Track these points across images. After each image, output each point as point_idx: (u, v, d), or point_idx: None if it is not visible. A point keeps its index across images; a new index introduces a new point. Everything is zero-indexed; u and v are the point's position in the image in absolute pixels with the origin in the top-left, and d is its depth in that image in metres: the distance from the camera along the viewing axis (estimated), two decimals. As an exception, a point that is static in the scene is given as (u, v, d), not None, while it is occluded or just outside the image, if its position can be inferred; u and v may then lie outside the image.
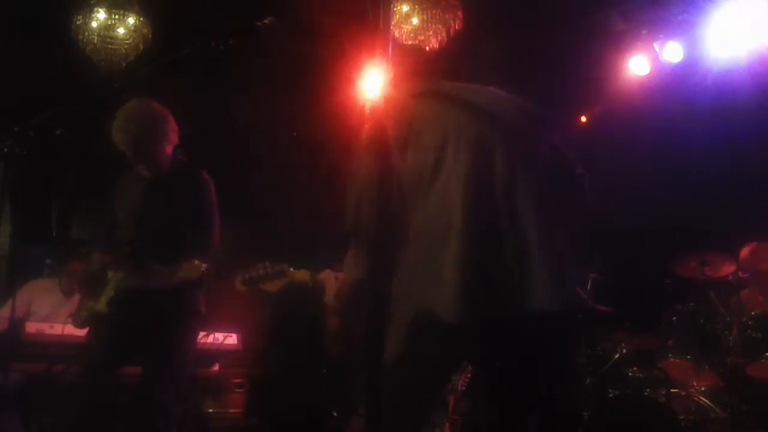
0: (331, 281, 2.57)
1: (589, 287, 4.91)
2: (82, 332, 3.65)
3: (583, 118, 6.90)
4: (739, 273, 4.68)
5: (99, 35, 4.58)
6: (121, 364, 3.39)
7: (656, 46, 5.89)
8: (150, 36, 4.69)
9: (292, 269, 2.68)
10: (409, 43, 4.41)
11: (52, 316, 4.66)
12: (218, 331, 4.97)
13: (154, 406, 3.25)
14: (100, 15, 4.59)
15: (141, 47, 4.66)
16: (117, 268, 3.40)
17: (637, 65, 6.03)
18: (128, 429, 3.52)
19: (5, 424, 4.26)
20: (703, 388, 4.49)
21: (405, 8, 4.49)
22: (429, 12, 4.47)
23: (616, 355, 4.69)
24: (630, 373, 4.69)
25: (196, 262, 3.17)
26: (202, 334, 4.88)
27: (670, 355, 4.58)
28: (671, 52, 5.80)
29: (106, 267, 3.45)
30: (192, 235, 3.35)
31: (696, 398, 4.38)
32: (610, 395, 4.56)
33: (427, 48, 4.25)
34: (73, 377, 4.04)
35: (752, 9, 5.19)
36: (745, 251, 4.86)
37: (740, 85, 5.36)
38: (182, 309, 3.38)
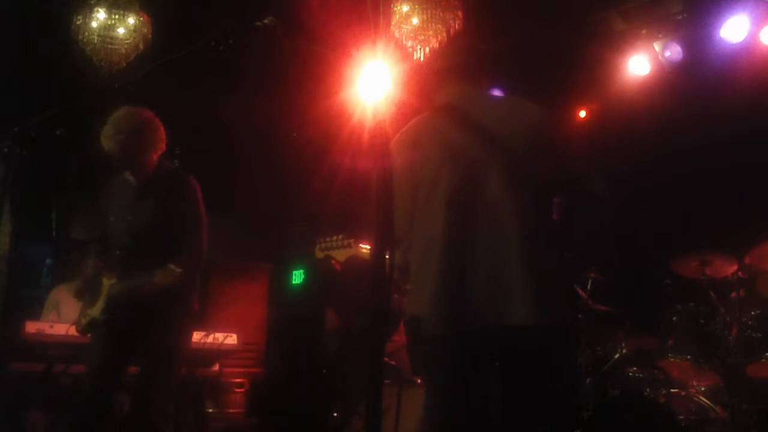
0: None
1: (589, 287, 4.91)
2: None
3: (582, 113, 6.90)
4: (740, 273, 4.67)
5: (99, 35, 4.58)
6: (122, 367, 3.44)
7: (656, 46, 5.89)
8: (150, 36, 4.69)
9: (359, 244, 2.85)
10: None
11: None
12: (218, 331, 4.96)
13: (150, 405, 3.32)
14: (100, 15, 4.58)
15: (141, 47, 4.66)
16: (110, 274, 3.45)
17: (637, 65, 6.04)
18: (125, 428, 3.56)
19: (5, 424, 4.27)
20: (703, 388, 4.49)
21: (405, 8, 4.48)
22: (429, 12, 4.46)
23: (616, 355, 4.69)
24: (630, 373, 4.69)
25: (171, 266, 3.24)
26: (202, 334, 4.88)
27: (670, 355, 4.58)
28: (671, 52, 5.81)
29: (100, 274, 3.50)
30: (181, 239, 3.41)
31: (696, 398, 4.38)
32: (610, 395, 4.55)
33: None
34: (73, 377, 4.06)
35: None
36: (750, 253, 4.86)
37: (740, 84, 5.35)
38: (176, 310, 3.44)
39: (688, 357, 4.48)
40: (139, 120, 3.46)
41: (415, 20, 4.48)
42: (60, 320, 4.60)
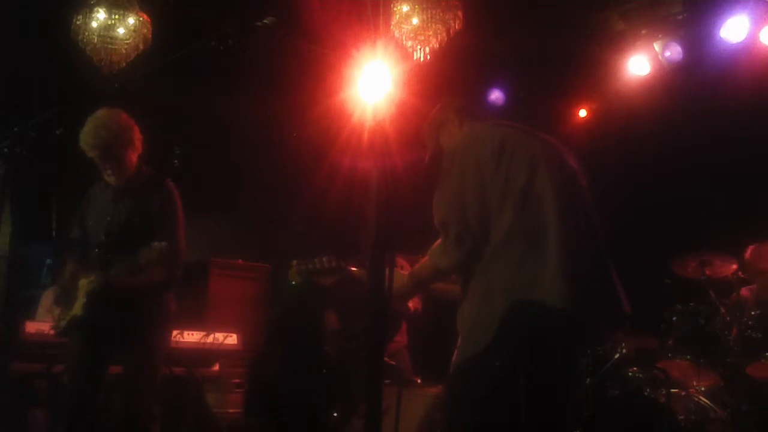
0: (398, 272, 2.65)
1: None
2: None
3: (582, 112, 6.90)
4: (740, 273, 4.68)
5: (99, 35, 4.57)
6: (102, 367, 3.47)
7: (656, 46, 5.90)
8: (150, 36, 4.68)
9: (349, 267, 2.77)
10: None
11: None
12: (218, 331, 4.96)
13: (134, 404, 3.38)
14: (100, 15, 4.57)
15: (141, 47, 4.65)
16: (87, 274, 3.47)
17: (637, 65, 6.04)
18: (111, 427, 3.59)
19: (6, 423, 4.27)
20: (703, 388, 4.48)
21: (405, 8, 4.48)
22: (429, 12, 4.45)
23: (616, 355, 4.68)
24: (630, 373, 4.68)
25: (155, 243, 3.21)
26: (202, 334, 4.89)
27: (670, 355, 4.58)
28: (671, 52, 5.81)
29: (77, 276, 3.52)
30: (157, 239, 3.38)
31: (696, 398, 4.38)
32: (610, 395, 4.55)
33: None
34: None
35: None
36: (747, 252, 4.86)
37: (740, 84, 5.35)
38: (153, 310, 3.48)
39: (688, 357, 4.49)
40: (117, 119, 3.51)
41: (415, 20, 4.48)
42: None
